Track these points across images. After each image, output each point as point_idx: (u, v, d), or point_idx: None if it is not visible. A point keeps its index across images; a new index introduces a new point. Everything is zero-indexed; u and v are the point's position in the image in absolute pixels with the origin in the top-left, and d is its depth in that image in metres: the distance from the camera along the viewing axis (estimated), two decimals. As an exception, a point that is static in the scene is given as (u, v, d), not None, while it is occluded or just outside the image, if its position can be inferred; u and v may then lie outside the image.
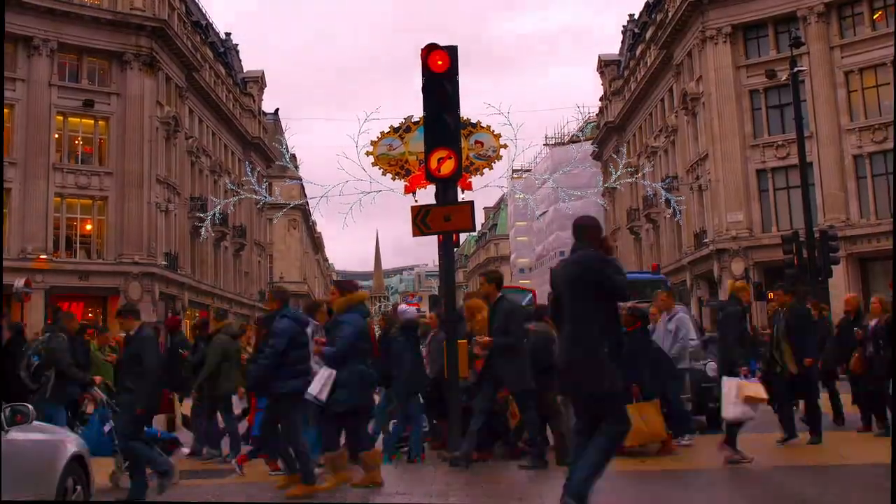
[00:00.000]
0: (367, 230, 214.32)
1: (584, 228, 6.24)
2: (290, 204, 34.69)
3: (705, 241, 39.54)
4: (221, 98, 52.16)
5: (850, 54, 35.49)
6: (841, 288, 31.87)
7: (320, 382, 7.91)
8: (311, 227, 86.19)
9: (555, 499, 7.22)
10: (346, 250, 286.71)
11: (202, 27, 51.64)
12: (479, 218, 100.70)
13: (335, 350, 8.00)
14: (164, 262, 39.57)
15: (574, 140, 60.46)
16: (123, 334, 8.87)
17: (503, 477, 8.53)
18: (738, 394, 8.98)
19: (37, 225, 35.25)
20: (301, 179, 49.97)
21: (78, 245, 37.64)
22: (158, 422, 10.65)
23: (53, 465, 6.19)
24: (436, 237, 10.22)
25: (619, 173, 24.77)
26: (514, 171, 28.47)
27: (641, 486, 8.49)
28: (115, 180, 37.85)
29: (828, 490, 8.03)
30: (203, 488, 8.95)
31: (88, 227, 38.04)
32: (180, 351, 11.87)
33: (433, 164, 9.18)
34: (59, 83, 36.82)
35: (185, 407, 12.14)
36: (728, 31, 38.26)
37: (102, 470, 8.04)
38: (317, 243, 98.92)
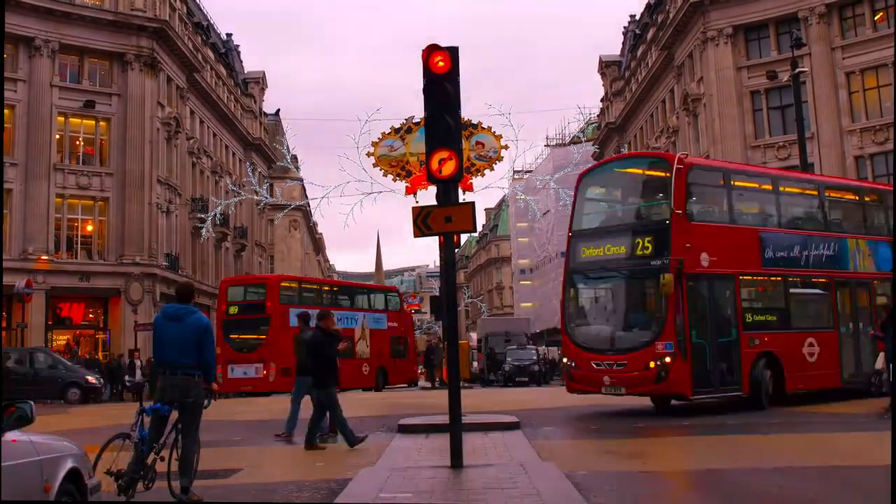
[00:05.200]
0: (368, 231, 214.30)
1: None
2: (291, 205, 34.74)
3: (706, 241, 39.49)
4: (222, 99, 52.19)
5: (852, 55, 35.48)
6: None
7: None
8: (311, 227, 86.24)
9: (556, 499, 7.22)
10: (348, 251, 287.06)
11: (203, 28, 51.67)
12: (481, 219, 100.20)
13: None
14: (165, 263, 39.59)
15: (575, 141, 60.46)
16: None
17: (502, 475, 8.51)
18: None
19: (38, 225, 35.27)
20: (302, 180, 50.03)
21: (79, 246, 37.66)
22: None
23: (45, 486, 5.26)
24: (437, 238, 10.23)
25: (620, 174, 24.77)
26: (515, 171, 28.52)
27: (642, 487, 8.49)
28: (116, 181, 37.86)
29: (828, 491, 8.03)
30: (205, 489, 8.94)
31: (89, 227, 38.06)
32: None
33: (434, 165, 9.17)
34: (61, 84, 36.85)
35: None
36: (729, 31, 38.25)
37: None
38: (318, 244, 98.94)
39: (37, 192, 35.29)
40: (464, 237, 43.95)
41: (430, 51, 9.27)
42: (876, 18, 35.45)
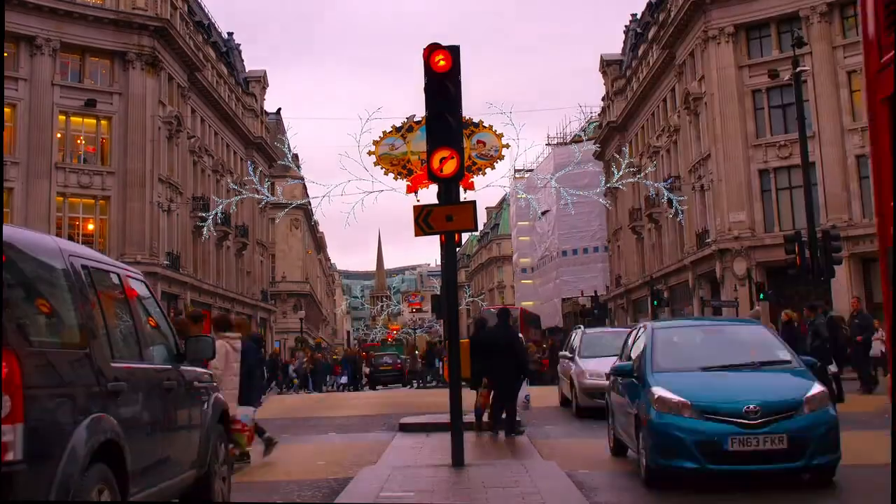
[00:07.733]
0: (369, 230, 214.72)
1: None
2: (292, 203, 34.68)
3: (707, 240, 39.51)
4: (224, 98, 52.18)
5: (853, 54, 35.34)
6: (843, 288, 31.86)
7: None
8: (313, 226, 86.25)
9: (556, 498, 7.23)
10: (349, 250, 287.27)
11: (204, 27, 51.67)
12: (482, 217, 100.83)
13: None
14: (166, 262, 39.58)
15: (576, 140, 60.53)
16: None
17: (504, 474, 8.51)
18: None
19: (39, 224, 35.16)
20: (303, 179, 50.02)
21: (80, 244, 37.63)
22: None
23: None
24: (438, 237, 10.24)
25: (621, 173, 24.80)
26: (516, 170, 28.56)
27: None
28: (117, 180, 37.87)
29: (827, 490, 8.02)
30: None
31: (91, 226, 38.04)
32: None
33: (435, 163, 9.18)
34: (62, 83, 36.83)
35: None
36: (730, 30, 38.22)
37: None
38: (319, 243, 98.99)
39: (38, 191, 35.30)
40: (465, 236, 43.91)
41: (432, 49, 9.28)
42: (877, 17, 35.39)
